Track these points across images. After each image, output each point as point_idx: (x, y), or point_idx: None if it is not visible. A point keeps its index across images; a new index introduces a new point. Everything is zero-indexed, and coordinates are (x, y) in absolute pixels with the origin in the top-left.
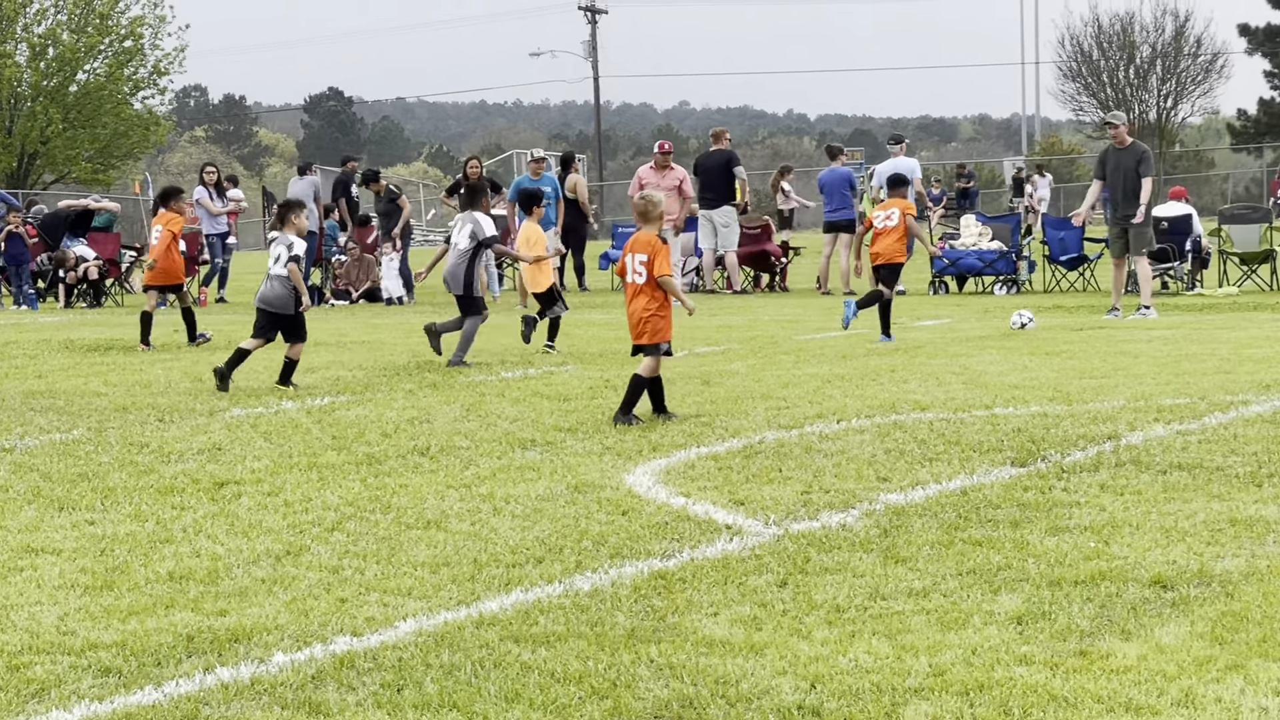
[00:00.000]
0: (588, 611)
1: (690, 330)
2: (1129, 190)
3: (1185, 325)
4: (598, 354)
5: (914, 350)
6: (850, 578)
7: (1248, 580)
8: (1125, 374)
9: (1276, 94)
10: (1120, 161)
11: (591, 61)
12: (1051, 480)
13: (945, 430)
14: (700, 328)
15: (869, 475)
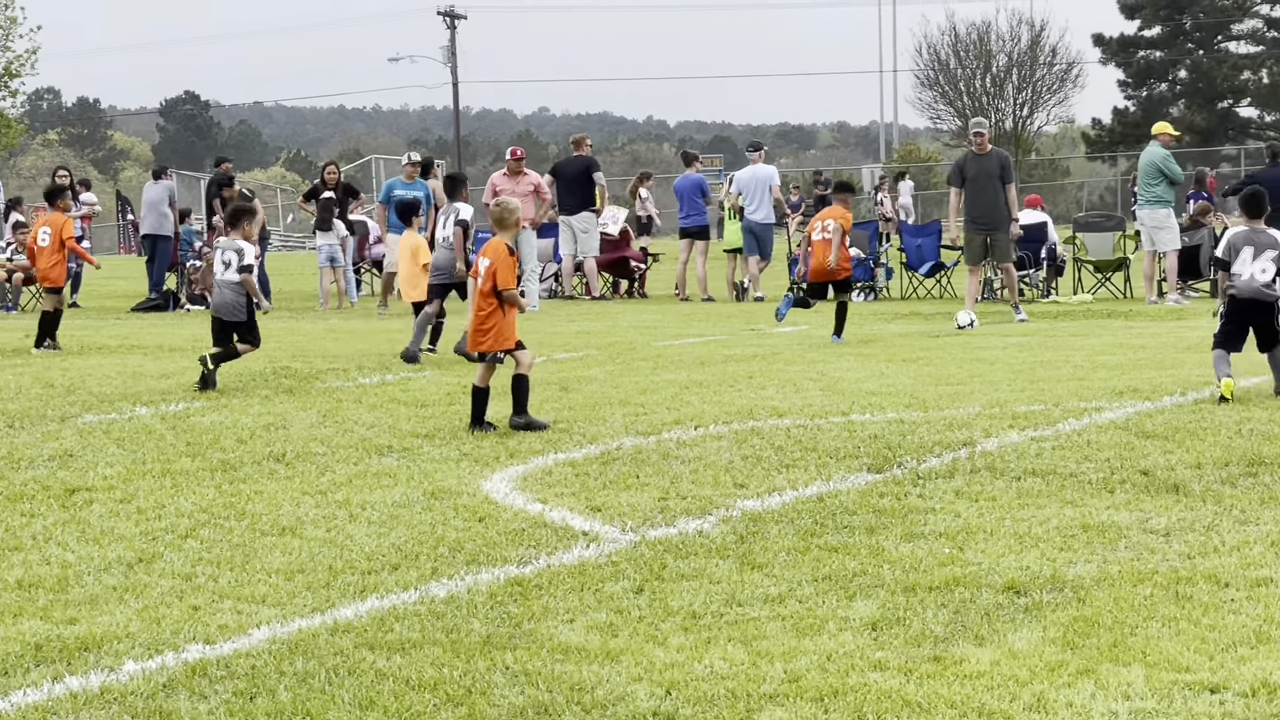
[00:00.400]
0: (443, 618)
1: (549, 336)
2: (990, 198)
3: (1040, 333)
4: (455, 360)
5: (771, 357)
6: (706, 584)
7: (1099, 586)
8: (981, 381)
9: (1130, 103)
10: (981, 168)
11: (451, 67)
12: (907, 486)
13: (802, 437)
14: (559, 334)
15: (726, 482)
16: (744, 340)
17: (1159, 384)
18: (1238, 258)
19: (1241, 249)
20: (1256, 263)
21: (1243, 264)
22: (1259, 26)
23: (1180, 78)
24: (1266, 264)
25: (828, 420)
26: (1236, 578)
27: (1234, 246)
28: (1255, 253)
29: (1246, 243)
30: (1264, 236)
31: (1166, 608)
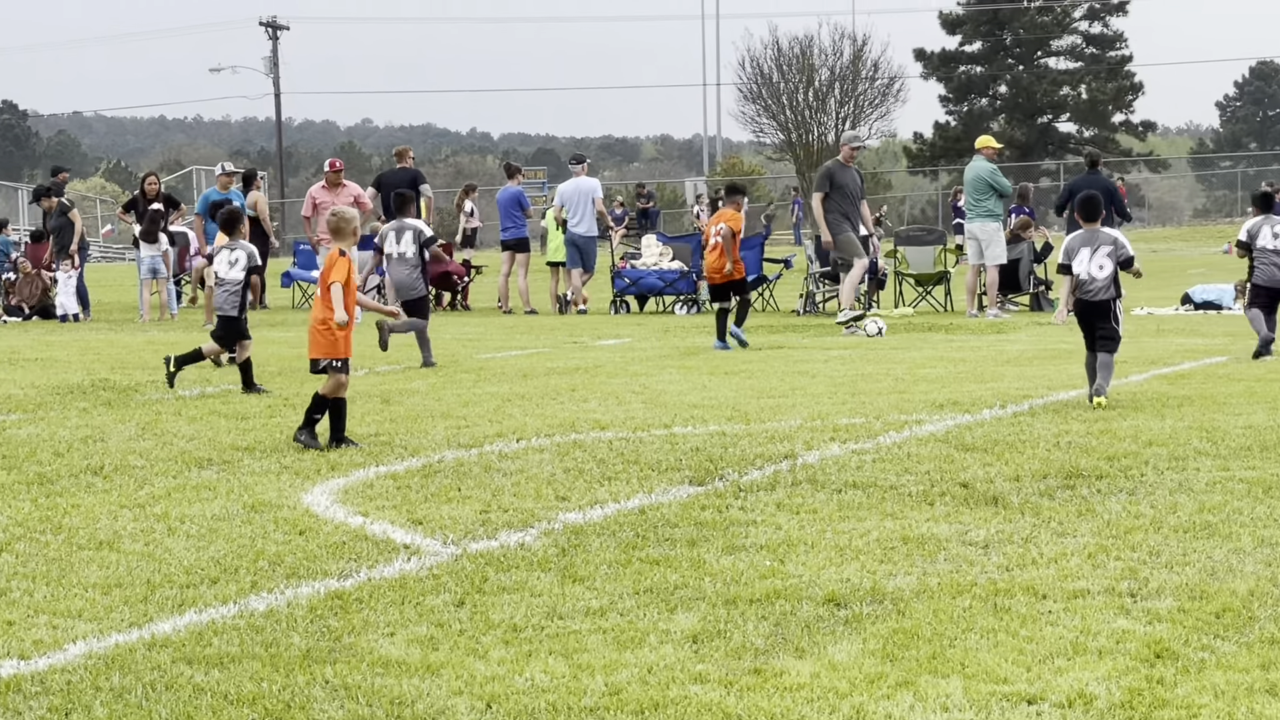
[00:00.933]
0: (262, 632)
1: (371, 349)
2: (855, 206)
3: (861, 345)
4: (277, 372)
5: (594, 369)
6: (528, 597)
7: (919, 598)
8: (803, 394)
9: (952, 118)
10: (849, 179)
11: (273, 78)
12: (729, 499)
13: (624, 449)
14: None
15: (548, 494)
16: (567, 353)
17: (979, 397)
18: (1075, 259)
19: (1078, 250)
20: (1093, 260)
21: (1080, 263)
22: (1078, 43)
23: (1000, 93)
24: (1103, 260)
25: (650, 433)
26: (1054, 589)
27: (1071, 249)
28: (1091, 252)
29: (1083, 244)
30: (1100, 236)
31: (985, 619)
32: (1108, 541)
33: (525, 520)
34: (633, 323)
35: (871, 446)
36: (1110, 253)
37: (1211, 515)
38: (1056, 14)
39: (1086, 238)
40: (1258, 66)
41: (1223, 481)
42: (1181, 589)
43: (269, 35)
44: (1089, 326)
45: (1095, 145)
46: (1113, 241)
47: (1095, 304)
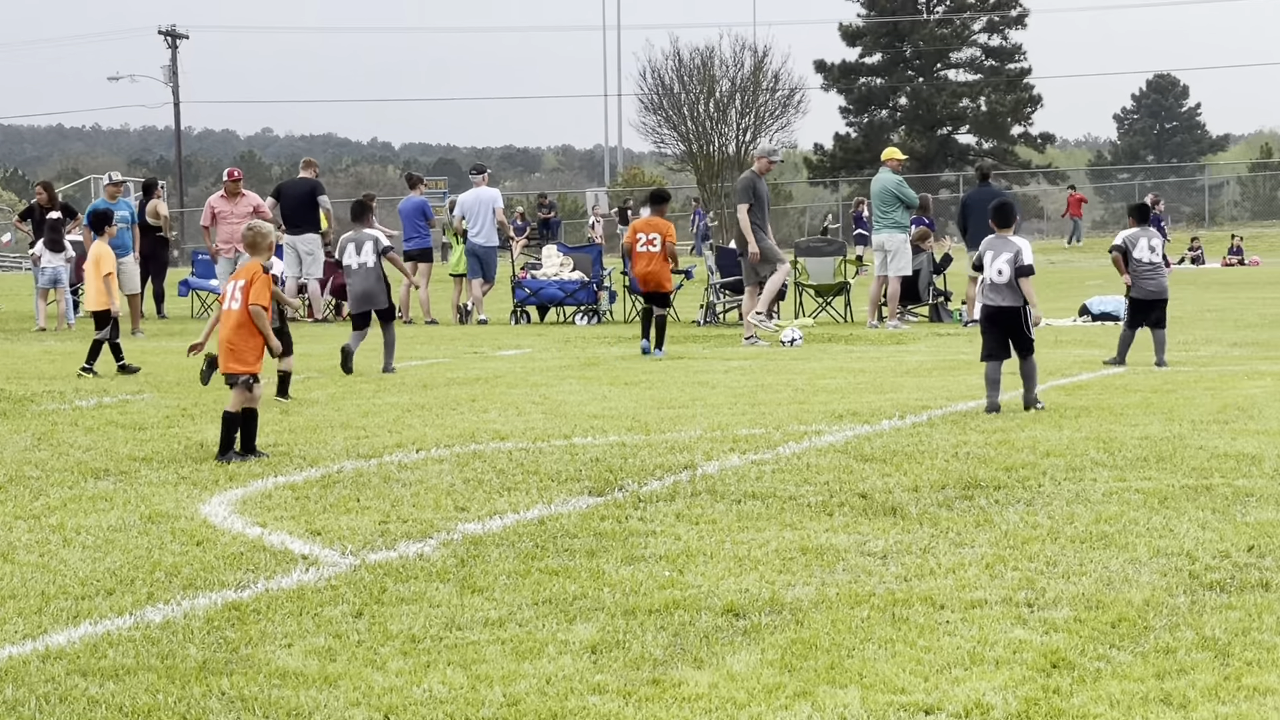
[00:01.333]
0: (159, 644)
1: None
2: (769, 220)
3: (761, 356)
4: (175, 382)
5: (494, 380)
6: (426, 608)
7: (817, 608)
8: (702, 404)
9: (852, 129)
10: (765, 191)
11: (172, 86)
12: (628, 509)
13: (524, 460)
14: None
15: (447, 505)
16: (467, 363)
17: (878, 408)
18: (984, 260)
19: (986, 253)
20: (994, 265)
21: (989, 267)
22: (977, 55)
23: (900, 104)
24: (1002, 265)
25: (550, 443)
26: (952, 599)
27: (982, 254)
28: (994, 256)
29: (989, 248)
30: (1006, 243)
31: (883, 630)
32: (1005, 552)
33: (424, 531)
34: (533, 333)
35: (771, 457)
36: (1010, 259)
37: (1108, 526)
38: (956, 26)
39: (994, 243)
40: (1155, 80)
41: (1119, 492)
42: (1078, 599)
43: (168, 44)
44: (999, 333)
45: (994, 157)
46: (1015, 250)
47: (1004, 310)
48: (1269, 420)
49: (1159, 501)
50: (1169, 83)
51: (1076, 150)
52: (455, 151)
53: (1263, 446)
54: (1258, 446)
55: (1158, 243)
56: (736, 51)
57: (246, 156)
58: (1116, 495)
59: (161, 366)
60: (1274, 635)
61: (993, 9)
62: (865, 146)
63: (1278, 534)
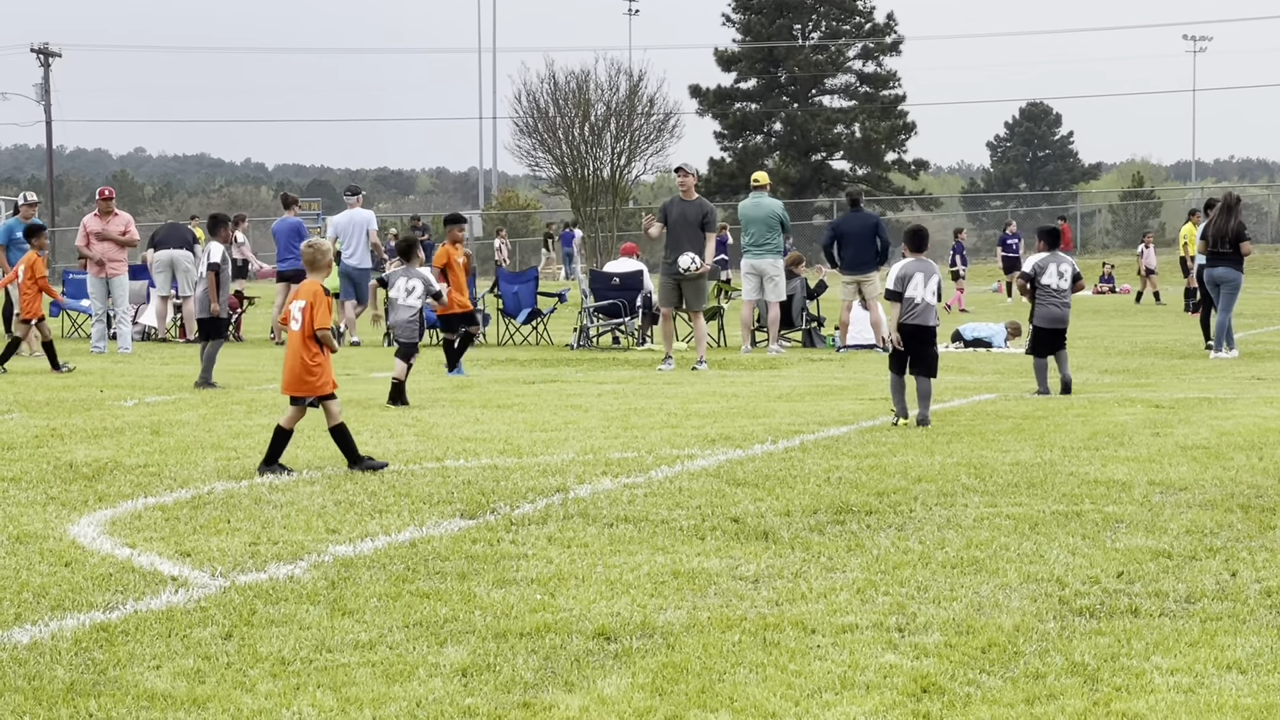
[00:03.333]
0: (25, 665)
1: (141, 379)
2: (687, 243)
3: (635, 380)
4: (45, 402)
5: (366, 402)
6: (296, 630)
7: (689, 632)
8: (575, 428)
9: (727, 154)
10: (684, 212)
11: (44, 105)
12: (500, 532)
13: (396, 482)
14: (151, 376)
15: (318, 527)
16: (340, 385)
17: (750, 432)
18: (909, 285)
19: (913, 276)
20: (927, 286)
21: (915, 288)
22: (852, 81)
23: (775, 130)
24: (934, 286)
25: (422, 466)
26: (823, 624)
27: (905, 276)
28: (925, 279)
29: (918, 270)
30: (927, 265)
31: (754, 654)
32: (876, 576)
33: (295, 552)
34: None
35: (643, 481)
36: (938, 282)
37: (979, 551)
38: (831, 53)
39: (918, 265)
40: (1028, 108)
41: (990, 518)
42: (948, 624)
43: (40, 62)
44: (911, 350)
45: (868, 183)
46: (937, 272)
47: (924, 328)
48: (1138, 447)
49: (1030, 527)
50: (1042, 111)
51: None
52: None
53: (1132, 473)
54: (1127, 473)
55: (1067, 268)
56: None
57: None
58: (987, 521)
59: (30, 386)
60: (1143, 661)
61: (868, 35)
62: (740, 171)
63: (1147, 560)
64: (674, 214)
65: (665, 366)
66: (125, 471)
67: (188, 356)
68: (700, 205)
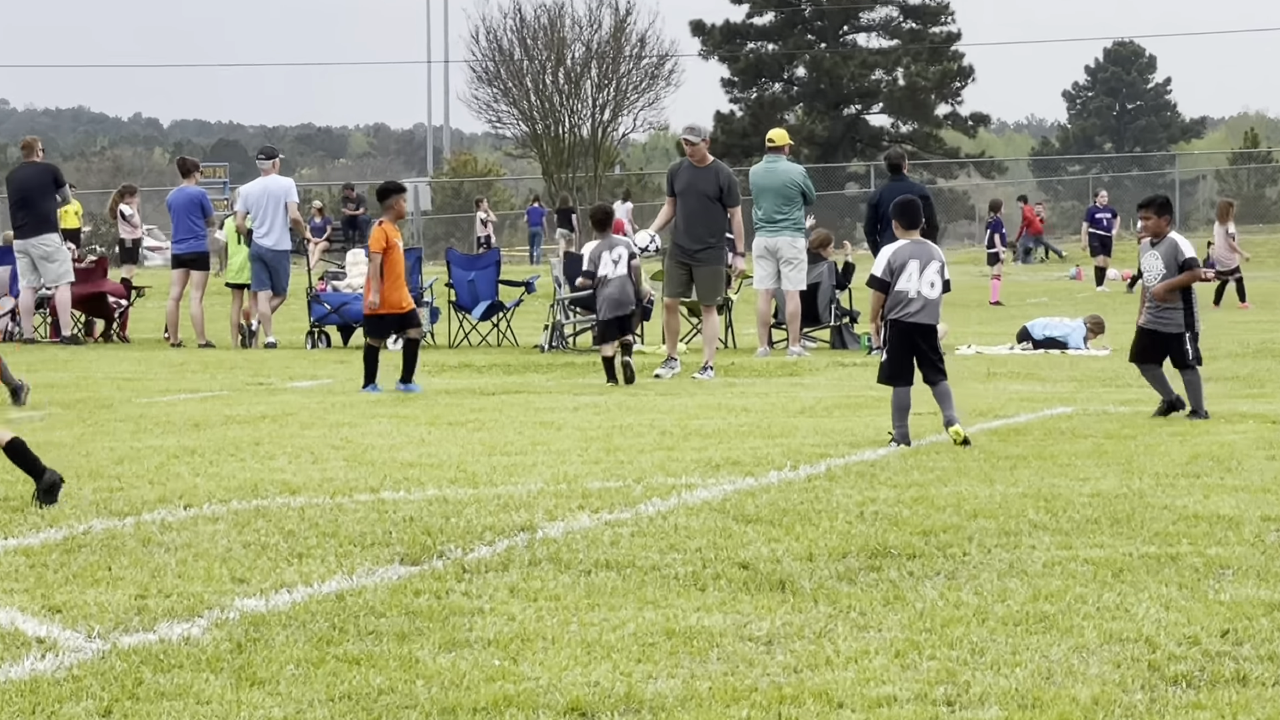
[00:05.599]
0: None
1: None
2: (701, 221)
3: (621, 390)
4: None
5: (284, 418)
6: (193, 704)
7: (684, 706)
8: (545, 450)
9: (737, 107)
10: (694, 182)
11: None
12: (450, 582)
13: (320, 519)
14: None
15: (222, 575)
16: (250, 397)
17: (764, 455)
18: (902, 274)
19: (906, 264)
20: (924, 276)
21: (909, 279)
22: (893, 15)
23: (797, 76)
24: (934, 277)
25: (352, 499)
26: (853, 697)
27: (896, 263)
28: (921, 266)
29: (911, 257)
30: (925, 249)
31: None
32: (920, 636)
33: (192, 607)
34: (334, 359)
35: (630, 517)
36: (940, 269)
37: (1048, 604)
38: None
39: (914, 249)
40: (1113, 49)
41: (1063, 562)
42: (1010, 696)
43: None
44: (910, 353)
45: (914, 143)
46: (942, 259)
47: (921, 327)
48: (1250, 474)
49: (1112, 574)
50: (1131, 53)
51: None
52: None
53: (1242, 507)
54: (1236, 507)
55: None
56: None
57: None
58: (1060, 566)
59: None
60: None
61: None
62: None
63: (1259, 615)
64: (682, 183)
65: (665, 371)
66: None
67: (61, 361)
68: (715, 172)
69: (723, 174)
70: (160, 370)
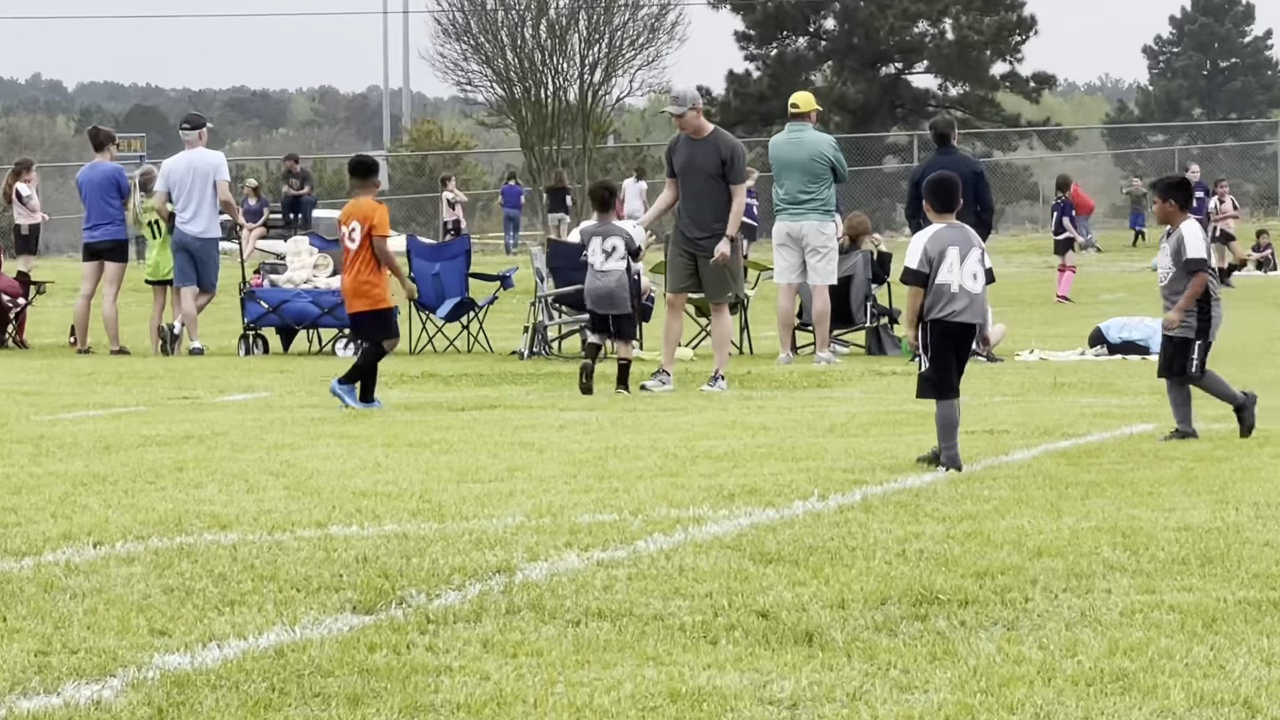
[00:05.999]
0: None
1: None
2: (704, 202)
3: (615, 405)
4: None
5: (214, 439)
6: None
7: None
8: (526, 477)
9: (754, 66)
10: (693, 158)
11: None
12: (411, 634)
13: (256, 559)
14: None
15: (139, 626)
16: (173, 413)
17: (787, 482)
18: (942, 264)
19: (945, 252)
20: (965, 266)
21: (949, 270)
22: None
23: (825, 29)
24: (976, 267)
25: (294, 535)
26: None
27: (934, 251)
28: (962, 254)
29: (950, 243)
30: (964, 233)
31: None
32: (975, 698)
33: (104, 665)
34: (272, 368)
35: (626, 556)
36: (981, 257)
37: (1128, 659)
38: None
39: (953, 234)
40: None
41: (1144, 610)
42: None
43: None
44: (953, 359)
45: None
46: (981, 245)
47: (967, 326)
48: None
49: (1203, 624)
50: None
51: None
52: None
53: None
54: None
55: None
56: None
57: None
58: (1141, 614)
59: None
60: None
61: None
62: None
63: None
64: (681, 160)
65: (656, 385)
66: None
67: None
68: (716, 144)
69: (724, 145)
70: (65, 381)
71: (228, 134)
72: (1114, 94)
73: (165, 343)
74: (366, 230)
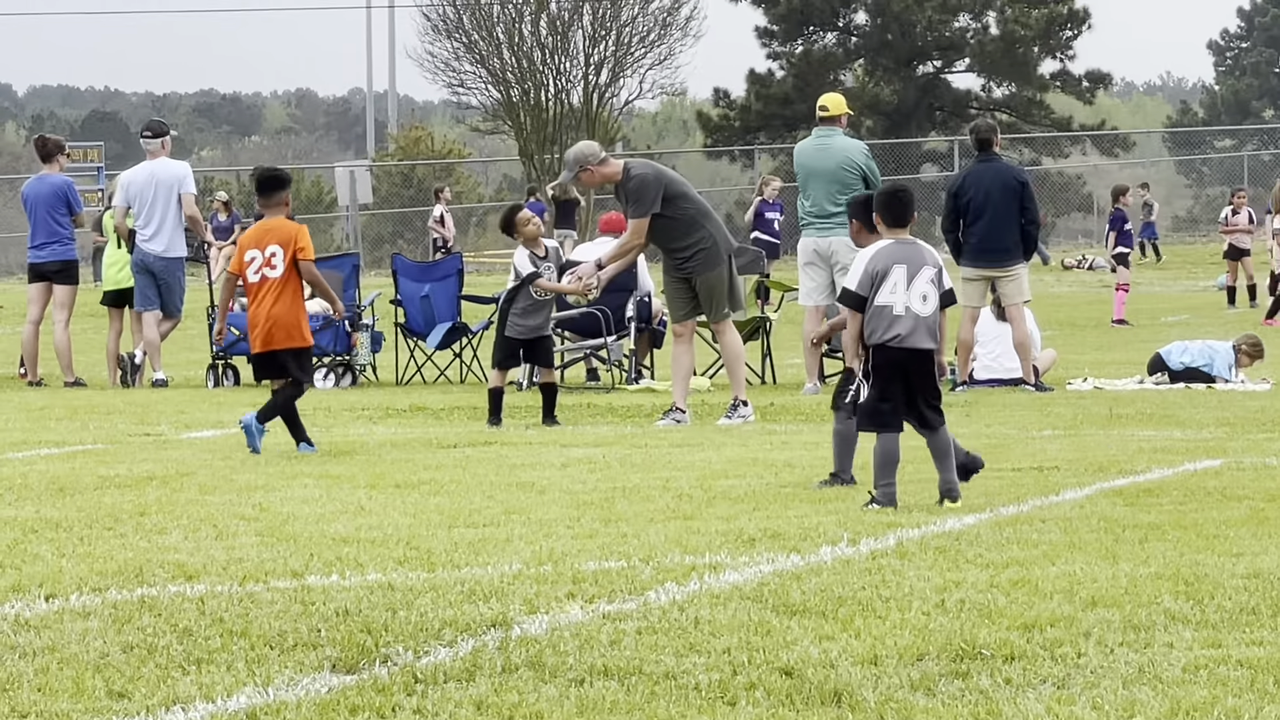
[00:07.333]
0: None
1: None
2: (659, 233)
3: (624, 440)
4: None
5: (179, 479)
6: None
7: None
8: (524, 520)
9: (777, 65)
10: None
11: None
12: (397, 696)
13: (226, 613)
14: None
15: (96, 688)
16: (134, 452)
17: (813, 525)
18: (884, 285)
19: (890, 272)
20: (913, 287)
21: (893, 292)
22: None
23: (856, 24)
24: (926, 287)
25: (268, 586)
26: None
27: (876, 271)
28: (910, 274)
29: (896, 261)
30: (916, 251)
31: None
32: None
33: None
34: (245, 401)
35: (636, 608)
36: (935, 278)
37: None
38: None
39: (900, 251)
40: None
41: (1210, 665)
42: None
43: None
44: (901, 389)
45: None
46: (937, 263)
47: (916, 353)
48: None
49: (1275, 681)
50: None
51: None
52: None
53: None
54: None
55: None
56: None
57: None
58: (1206, 670)
59: None
60: None
61: None
62: (799, 95)
63: None
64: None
65: (671, 421)
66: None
67: None
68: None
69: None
70: (14, 417)
71: (195, 142)
72: (1176, 94)
73: (125, 373)
74: (291, 255)
